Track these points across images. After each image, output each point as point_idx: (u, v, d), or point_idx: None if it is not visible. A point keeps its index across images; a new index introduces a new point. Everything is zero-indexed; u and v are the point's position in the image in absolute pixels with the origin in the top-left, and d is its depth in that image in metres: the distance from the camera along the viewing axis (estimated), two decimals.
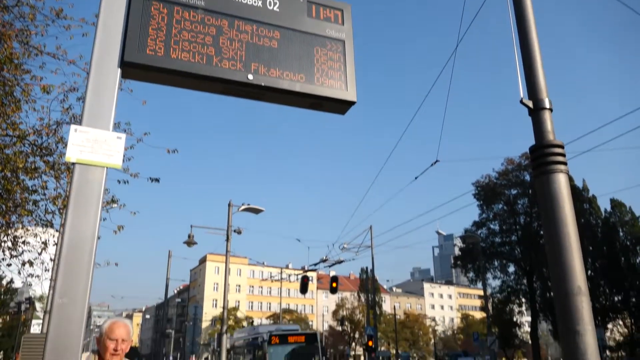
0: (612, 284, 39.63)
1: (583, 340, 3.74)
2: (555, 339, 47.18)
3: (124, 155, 8.31)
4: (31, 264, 9.67)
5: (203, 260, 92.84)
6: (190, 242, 21.71)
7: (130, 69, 2.26)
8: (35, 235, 9.74)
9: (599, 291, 38.95)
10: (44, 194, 8.80)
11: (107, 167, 2.02)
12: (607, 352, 46.49)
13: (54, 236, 9.82)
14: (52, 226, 9.44)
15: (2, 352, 44.87)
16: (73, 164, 2.00)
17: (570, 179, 5.55)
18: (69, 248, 1.86)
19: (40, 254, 9.68)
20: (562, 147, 4.13)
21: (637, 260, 41.98)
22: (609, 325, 42.39)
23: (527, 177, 41.44)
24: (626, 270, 39.59)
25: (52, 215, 9.18)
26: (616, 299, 41.38)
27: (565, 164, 4.09)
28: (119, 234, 9.32)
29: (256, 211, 20.04)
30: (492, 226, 44.90)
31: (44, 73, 7.87)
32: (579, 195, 39.62)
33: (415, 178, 15.83)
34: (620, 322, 43.32)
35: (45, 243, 9.51)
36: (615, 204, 43.28)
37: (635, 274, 40.17)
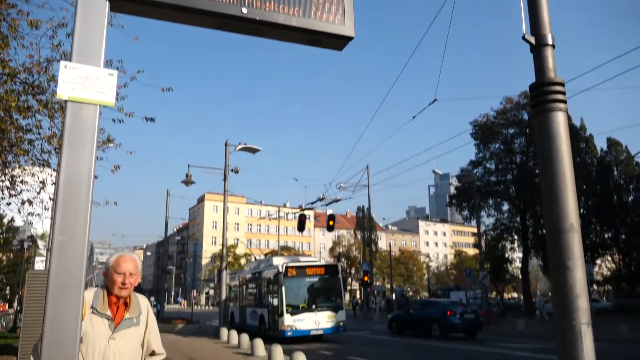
0: (604, 221, 40.47)
1: (572, 275, 3.85)
2: (545, 274, 48.73)
3: (117, 94, 8.20)
4: (30, 203, 9.76)
5: (201, 200, 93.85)
6: (188, 182, 21.85)
7: (119, 2, 2.17)
8: (33, 175, 9.77)
9: (590, 228, 39.83)
10: (39, 134, 8.75)
11: (99, 105, 1.98)
12: (595, 287, 48.24)
13: (51, 175, 9.85)
14: (49, 165, 9.45)
15: (8, 288, 46.27)
16: (65, 101, 1.96)
17: (569, 118, 5.50)
18: (65, 186, 1.86)
19: (38, 193, 9.75)
20: (562, 84, 4.08)
21: (630, 199, 42.64)
22: (598, 261, 43.74)
23: (525, 116, 41.25)
24: (618, 208, 40.33)
25: (48, 155, 9.17)
26: (606, 236, 42.42)
27: (564, 102, 4.05)
28: (117, 174, 9.36)
29: (253, 150, 20.03)
30: (488, 165, 45.23)
31: (30, 8, 7.60)
32: (576, 134, 39.62)
33: (413, 117, 15.73)
34: (609, 258, 44.66)
35: (43, 182, 9.55)
36: (612, 143, 43.39)
37: (627, 212, 40.95)
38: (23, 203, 9.60)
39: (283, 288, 17.19)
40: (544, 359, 13.08)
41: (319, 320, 17.26)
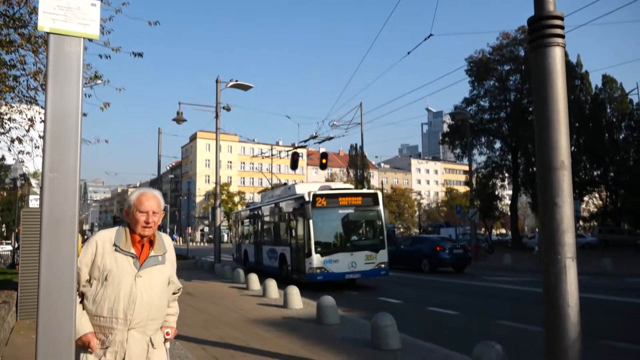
0: (593, 159, 40.86)
1: (560, 212, 3.93)
2: (533, 211, 49.74)
3: (103, 27, 7.91)
4: (20, 141, 9.63)
5: (193, 138, 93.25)
6: (179, 120, 21.58)
7: None
8: (21, 112, 9.59)
9: (580, 166, 40.26)
10: (24, 69, 8.49)
11: (83, 38, 1.91)
12: (581, 222, 49.44)
13: (39, 113, 9.67)
14: (36, 103, 9.26)
15: (4, 225, 46.71)
16: (48, 34, 1.88)
17: (565, 55, 5.38)
18: (53, 123, 1.82)
19: (28, 131, 9.61)
20: (561, 18, 3.97)
21: (621, 137, 42.88)
22: (585, 198, 44.53)
23: (522, 53, 40.57)
24: (608, 146, 40.62)
25: (35, 92, 8.95)
26: (595, 173, 42.99)
27: (562, 37, 3.96)
28: (107, 112, 9.20)
29: (245, 87, 19.68)
30: (482, 103, 44.96)
31: None
32: (572, 71, 39.18)
33: (408, 53, 15.42)
34: (597, 195, 45.49)
35: (31, 120, 9.39)
36: (607, 80, 43.03)
37: (617, 150, 41.31)
38: (12, 141, 9.47)
39: (311, 222, 14.09)
40: (528, 291, 13.60)
41: (355, 262, 14.23)
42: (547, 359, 4.11)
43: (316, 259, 13.93)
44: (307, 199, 14.20)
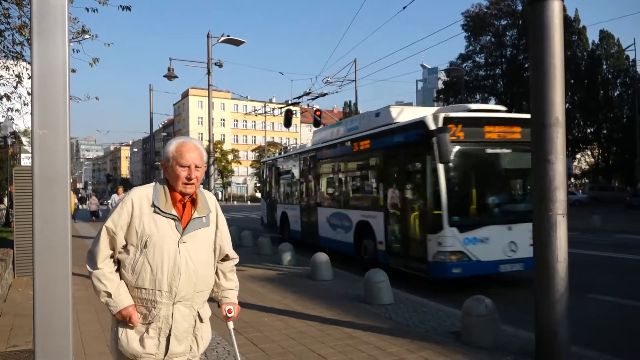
0: (587, 116, 40.85)
1: (553, 168, 3.95)
2: None
3: None
4: (8, 98, 9.48)
5: (185, 95, 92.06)
6: (170, 76, 21.21)
7: None
8: (7, 68, 9.39)
9: (574, 123, 40.27)
10: (8, 23, 8.26)
11: None
12: (572, 180, 49.89)
13: (27, 69, 9.47)
14: (23, 58, 9.05)
15: None
16: None
17: (563, 9, 5.15)
18: (40, 79, 1.78)
19: (15, 87, 9.43)
20: None
21: (615, 94, 42.73)
22: (578, 156, 44.81)
23: (519, 7, 39.82)
24: (603, 103, 40.54)
25: (21, 47, 8.74)
26: (588, 131, 43.07)
27: None
28: (97, 70, 9.02)
29: (237, 43, 19.26)
30: (477, 59, 44.44)
31: None
32: (569, 26, 38.58)
33: (404, 8, 15.07)
34: (589, 153, 45.75)
35: (19, 76, 9.20)
36: (604, 35, 42.48)
37: (610, 107, 41.25)
38: (0, 98, 9.32)
39: (440, 169, 7.70)
40: None
41: (515, 242, 7.91)
42: (536, 311, 4.22)
43: (450, 237, 7.63)
44: (432, 126, 7.79)
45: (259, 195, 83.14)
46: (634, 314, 6.57)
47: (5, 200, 23.48)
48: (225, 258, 2.50)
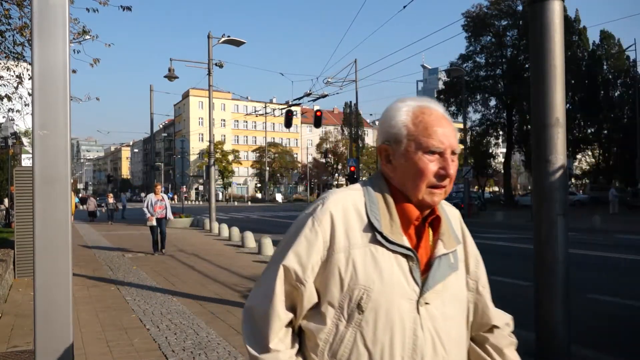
0: (588, 117, 40.84)
1: (553, 168, 3.95)
2: (526, 169, 50.07)
3: None
4: (9, 98, 9.50)
5: (186, 95, 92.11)
6: (171, 77, 21.24)
7: None
8: (8, 69, 9.40)
9: (574, 124, 40.26)
10: (9, 24, 8.28)
11: None
12: (573, 180, 49.90)
13: (27, 70, 9.49)
14: (24, 59, 9.07)
15: None
16: None
17: (564, 9, 5.20)
18: (41, 79, 1.78)
19: (16, 88, 9.45)
20: None
21: (616, 94, 42.72)
22: (578, 156, 44.79)
23: (520, 7, 39.81)
24: (603, 104, 40.52)
25: (21, 47, 8.76)
26: (589, 131, 43.06)
27: None
28: (98, 70, 9.03)
29: (237, 43, 19.29)
30: (478, 59, 44.43)
31: None
32: (570, 26, 38.58)
33: (404, 7, 15.08)
34: (589, 153, 45.75)
35: (19, 77, 9.22)
36: (605, 35, 42.48)
37: (611, 108, 41.23)
38: (1, 99, 9.33)
39: None
40: (520, 247, 13.86)
41: None
42: (536, 311, 4.22)
43: None
44: None
45: (259, 195, 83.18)
46: (633, 314, 6.57)
47: (6, 200, 23.49)
48: (491, 329, 1.34)
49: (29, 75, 9.35)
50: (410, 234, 1.20)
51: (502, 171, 47.88)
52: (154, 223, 12.03)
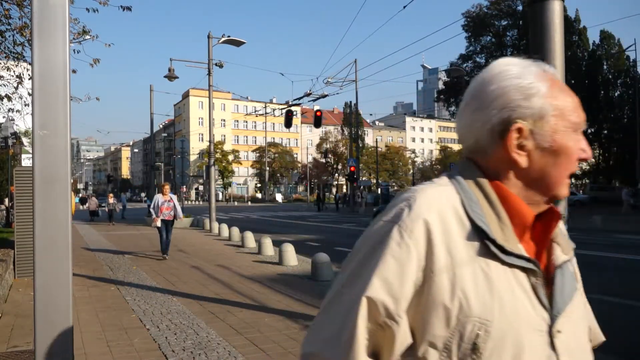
0: (588, 117, 40.62)
1: None
2: None
3: None
4: (9, 98, 9.50)
5: (186, 95, 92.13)
6: (171, 77, 21.25)
7: None
8: (8, 69, 9.41)
9: None
10: (9, 24, 8.28)
11: None
12: (573, 180, 49.87)
13: (27, 70, 9.49)
14: (24, 59, 9.08)
15: None
16: None
17: (564, 9, 5.23)
18: (41, 79, 1.78)
19: (16, 88, 9.46)
20: None
21: (616, 94, 42.73)
22: None
23: (520, 7, 39.85)
24: (603, 104, 40.54)
25: (21, 47, 8.77)
26: (589, 131, 43.06)
27: None
28: (98, 70, 9.04)
29: (237, 43, 19.29)
30: (478, 59, 44.47)
31: None
32: (570, 27, 38.62)
33: (404, 7, 15.09)
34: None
35: (19, 77, 9.22)
36: (605, 35, 42.51)
37: (611, 108, 41.25)
38: (1, 99, 9.34)
39: None
40: None
41: None
42: None
43: None
44: None
45: (259, 195, 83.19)
46: (633, 314, 6.57)
47: (6, 200, 23.50)
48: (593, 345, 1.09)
49: (29, 75, 9.35)
50: (526, 240, 0.92)
51: None
52: (159, 224, 11.35)
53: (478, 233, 0.86)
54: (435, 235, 0.84)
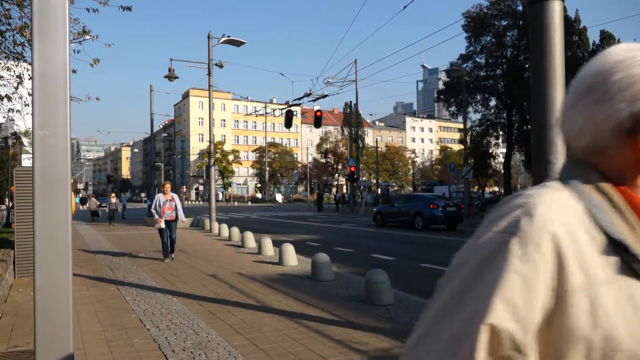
0: None
1: (553, 169, 3.94)
2: (526, 169, 50.03)
3: None
4: (9, 98, 9.50)
5: (186, 95, 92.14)
6: (171, 77, 21.25)
7: None
8: (8, 69, 9.41)
9: None
10: (9, 24, 8.29)
11: None
12: None
13: (27, 70, 9.49)
14: (24, 59, 9.08)
15: None
16: None
17: (564, 9, 5.25)
18: (41, 79, 1.78)
19: (16, 88, 9.46)
20: None
21: None
22: None
23: (520, 7, 39.87)
24: None
25: (22, 48, 8.77)
26: None
27: None
28: (99, 71, 9.04)
29: (237, 43, 19.30)
30: (478, 59, 44.46)
31: None
32: (570, 27, 38.63)
33: (404, 7, 15.09)
34: None
35: (19, 77, 9.22)
36: (605, 35, 42.55)
37: None
38: (1, 99, 9.34)
39: None
40: None
41: None
42: None
43: None
44: None
45: (259, 195, 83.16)
46: None
47: (7, 200, 23.50)
48: None
49: (29, 75, 9.36)
50: None
51: (502, 171, 47.92)
52: (163, 225, 11.09)
53: (613, 247, 0.71)
54: (566, 250, 0.69)
